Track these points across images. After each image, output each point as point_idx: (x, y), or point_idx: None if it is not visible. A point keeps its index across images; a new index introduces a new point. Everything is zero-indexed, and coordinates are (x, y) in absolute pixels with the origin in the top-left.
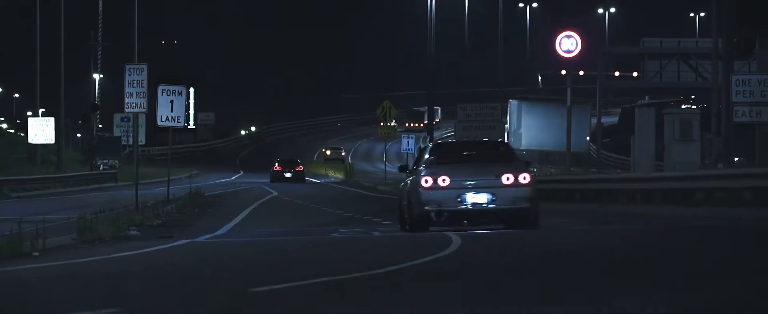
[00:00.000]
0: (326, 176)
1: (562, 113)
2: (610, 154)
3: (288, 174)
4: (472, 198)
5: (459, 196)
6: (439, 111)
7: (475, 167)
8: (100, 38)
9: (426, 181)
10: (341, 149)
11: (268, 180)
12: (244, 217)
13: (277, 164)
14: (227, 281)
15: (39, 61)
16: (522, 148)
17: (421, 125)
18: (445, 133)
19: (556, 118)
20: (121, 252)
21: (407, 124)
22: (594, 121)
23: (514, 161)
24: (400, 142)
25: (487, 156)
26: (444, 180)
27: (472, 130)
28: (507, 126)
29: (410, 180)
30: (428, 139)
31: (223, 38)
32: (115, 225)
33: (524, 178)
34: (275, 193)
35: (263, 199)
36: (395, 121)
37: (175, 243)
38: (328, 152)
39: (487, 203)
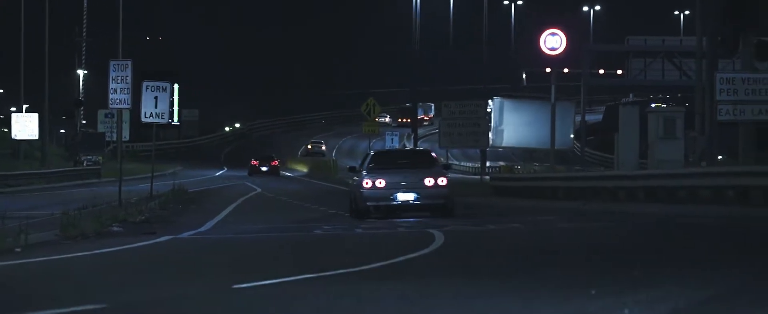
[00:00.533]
0: (300, 171)
1: (546, 111)
2: (594, 151)
3: (264, 168)
4: (402, 196)
5: (392, 195)
6: (433, 107)
7: (405, 172)
8: (84, 34)
9: (367, 183)
10: (322, 143)
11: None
12: (228, 214)
13: (253, 159)
14: (210, 277)
15: (23, 57)
16: (504, 145)
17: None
18: (432, 130)
19: (540, 115)
20: (104, 248)
21: (400, 120)
22: (578, 118)
23: (435, 167)
24: (385, 139)
25: (415, 163)
26: (380, 183)
27: (456, 127)
28: (491, 123)
29: (356, 181)
30: (412, 137)
31: (209, 35)
32: (98, 222)
33: (442, 181)
34: (259, 190)
35: (247, 196)
36: (389, 117)
37: (158, 240)
38: (310, 146)
39: (414, 200)
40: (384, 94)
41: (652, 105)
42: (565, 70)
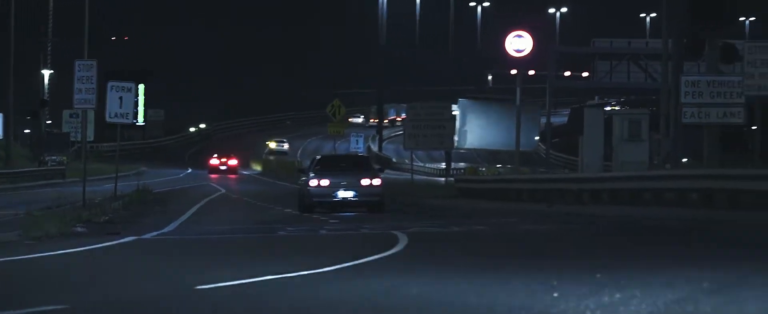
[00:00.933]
0: (263, 171)
1: (511, 113)
2: (559, 154)
3: (223, 167)
4: (343, 193)
5: (334, 192)
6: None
7: (345, 174)
8: (50, 33)
9: (313, 183)
10: (285, 142)
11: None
12: (192, 214)
13: (212, 157)
14: (173, 278)
15: None
16: (468, 146)
17: (387, 121)
18: (397, 132)
19: (504, 117)
20: (67, 248)
21: (372, 121)
22: (543, 120)
23: (371, 170)
24: (350, 140)
25: (354, 166)
26: (324, 182)
27: (421, 129)
28: (457, 125)
29: (303, 180)
30: (378, 138)
31: (174, 36)
32: (62, 222)
33: (376, 181)
34: (223, 191)
35: (211, 197)
36: (362, 118)
37: (121, 240)
38: (273, 145)
39: (352, 197)
40: (350, 95)
41: (606, 107)
42: (531, 72)
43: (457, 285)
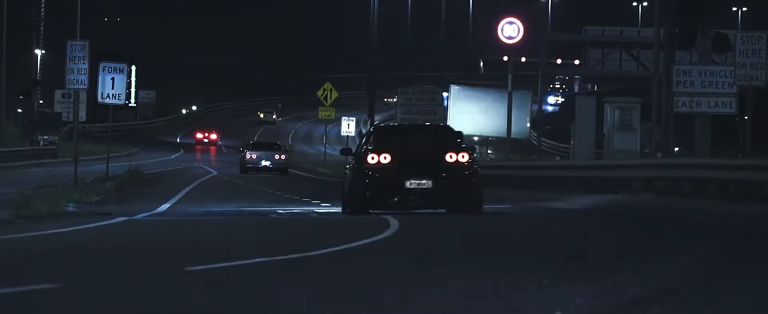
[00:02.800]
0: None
1: (503, 99)
2: (550, 141)
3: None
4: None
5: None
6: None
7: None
8: (42, 13)
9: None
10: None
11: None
12: (183, 196)
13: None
14: (163, 259)
15: None
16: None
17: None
18: (389, 116)
19: (496, 103)
20: (58, 228)
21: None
22: (535, 107)
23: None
24: (340, 124)
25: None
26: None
27: (412, 114)
28: (448, 111)
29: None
30: (369, 123)
31: (167, 17)
32: (53, 202)
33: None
34: (215, 173)
35: (203, 178)
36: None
37: (112, 221)
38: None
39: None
40: (341, 79)
41: (592, 87)
42: (523, 59)
43: (443, 273)
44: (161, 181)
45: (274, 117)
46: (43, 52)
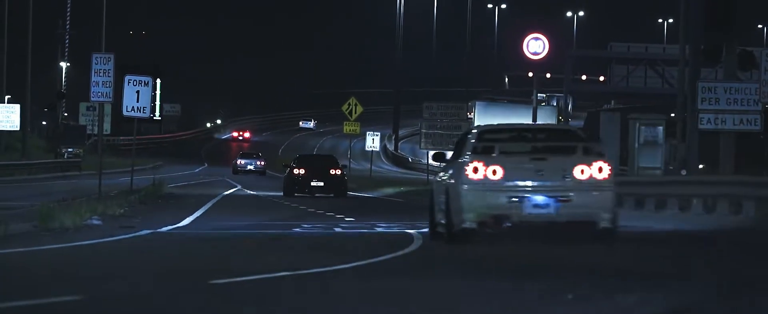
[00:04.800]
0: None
1: (527, 115)
2: None
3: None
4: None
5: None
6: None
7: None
8: (68, 26)
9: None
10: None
11: (271, 192)
12: (207, 209)
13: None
14: (188, 272)
15: (6, 48)
16: None
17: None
18: (414, 131)
19: (520, 119)
20: (82, 240)
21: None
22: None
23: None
24: (365, 139)
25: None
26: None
27: (437, 129)
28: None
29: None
30: (394, 137)
31: (192, 30)
32: (77, 214)
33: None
34: (239, 186)
35: (227, 192)
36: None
37: (137, 234)
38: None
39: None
40: (359, 94)
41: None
42: (548, 75)
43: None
44: (185, 194)
45: (311, 124)
46: (68, 64)
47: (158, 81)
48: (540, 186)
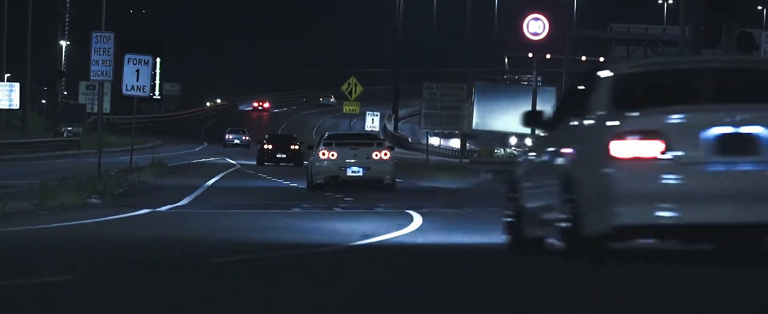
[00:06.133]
0: None
1: (527, 96)
2: None
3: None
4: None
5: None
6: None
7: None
8: (68, 4)
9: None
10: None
11: (246, 161)
12: (207, 188)
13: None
14: (187, 251)
15: (5, 26)
16: (483, 129)
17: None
18: (413, 111)
19: (520, 100)
20: (81, 219)
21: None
22: None
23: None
24: (365, 118)
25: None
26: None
27: (436, 110)
28: (473, 107)
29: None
30: (393, 117)
31: (193, 9)
32: (76, 193)
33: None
34: (238, 166)
35: (226, 171)
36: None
37: (136, 213)
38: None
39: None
40: (359, 74)
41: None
42: (548, 56)
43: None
44: (185, 173)
45: (332, 99)
46: (68, 43)
47: (158, 60)
48: None
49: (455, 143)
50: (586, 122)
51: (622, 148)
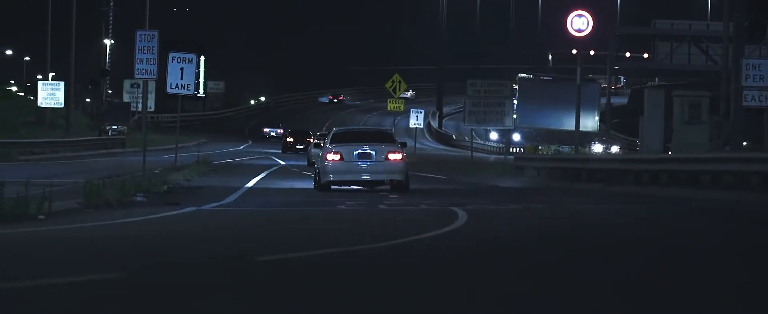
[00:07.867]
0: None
1: (571, 92)
2: (618, 134)
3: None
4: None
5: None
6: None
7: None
8: (111, 3)
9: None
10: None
11: (277, 151)
12: (251, 187)
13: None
14: (233, 249)
15: (50, 25)
16: (526, 125)
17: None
18: (457, 109)
19: (564, 96)
20: (126, 217)
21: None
22: (603, 100)
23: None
24: (409, 116)
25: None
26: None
27: (481, 106)
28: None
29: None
30: (438, 115)
31: (236, 7)
32: (121, 191)
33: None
34: (283, 163)
35: (271, 169)
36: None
37: (181, 211)
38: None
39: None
40: (402, 71)
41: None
42: (591, 52)
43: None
44: (229, 172)
45: (341, 98)
46: (112, 41)
47: (202, 58)
48: None
49: (516, 136)
50: None
51: None
